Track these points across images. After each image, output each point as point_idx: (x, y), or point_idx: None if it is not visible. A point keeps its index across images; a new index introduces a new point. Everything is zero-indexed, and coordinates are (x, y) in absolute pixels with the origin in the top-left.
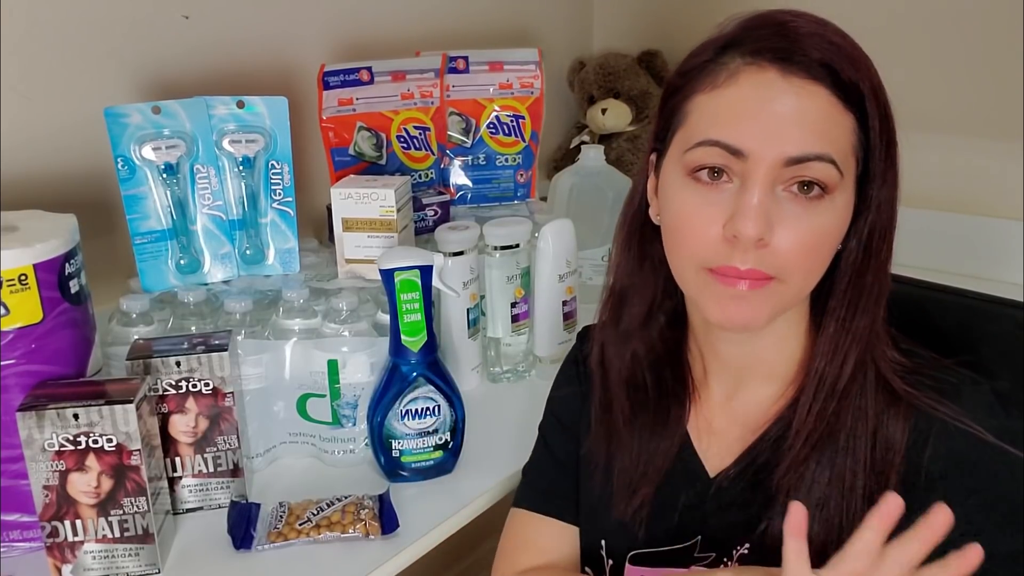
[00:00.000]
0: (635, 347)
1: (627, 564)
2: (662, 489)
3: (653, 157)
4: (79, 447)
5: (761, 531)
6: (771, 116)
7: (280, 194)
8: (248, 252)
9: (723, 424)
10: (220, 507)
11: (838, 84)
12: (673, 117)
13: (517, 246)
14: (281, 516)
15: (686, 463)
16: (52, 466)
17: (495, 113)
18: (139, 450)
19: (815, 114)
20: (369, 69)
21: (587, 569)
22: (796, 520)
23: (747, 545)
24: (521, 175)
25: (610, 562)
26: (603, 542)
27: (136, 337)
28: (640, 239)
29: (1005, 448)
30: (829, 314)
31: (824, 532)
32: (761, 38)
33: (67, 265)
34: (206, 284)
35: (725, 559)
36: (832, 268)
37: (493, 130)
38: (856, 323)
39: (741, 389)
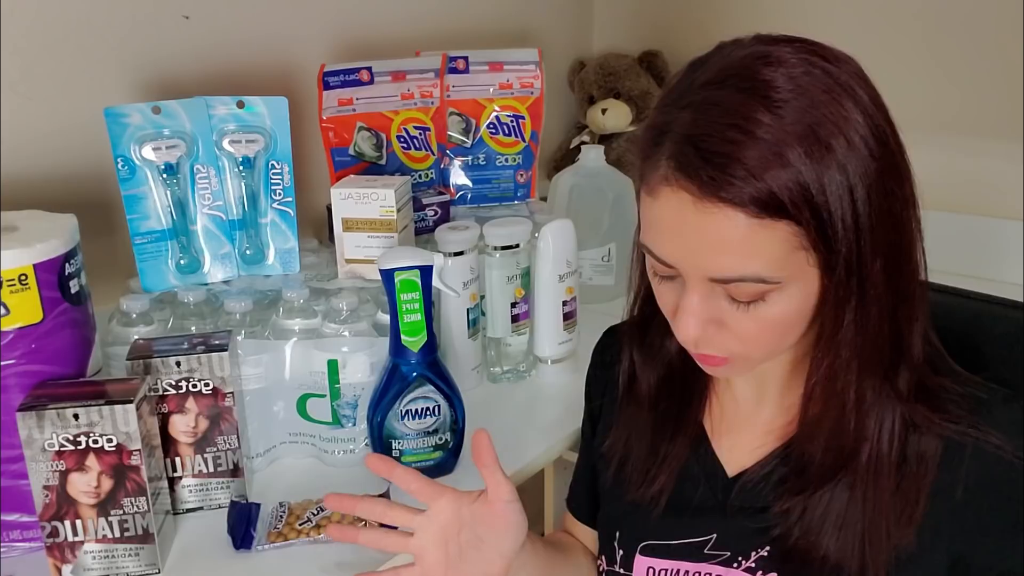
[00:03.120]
0: (662, 340)
1: (637, 555)
2: (678, 484)
3: None
4: (79, 447)
5: (775, 536)
6: (687, 238)
7: (280, 194)
8: (248, 252)
9: (745, 425)
10: (220, 507)
11: (757, 207)
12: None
13: (517, 246)
14: (281, 516)
15: (704, 461)
16: (52, 466)
17: (495, 113)
18: (139, 450)
19: (734, 240)
20: (369, 69)
21: (602, 557)
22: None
23: (767, 548)
24: (521, 175)
25: (621, 552)
26: (617, 532)
27: (136, 337)
28: None
29: None
30: (815, 363)
31: (839, 552)
32: (683, 156)
33: (67, 265)
34: (206, 284)
35: (740, 558)
36: None
37: (493, 130)
38: (843, 355)
39: (766, 394)
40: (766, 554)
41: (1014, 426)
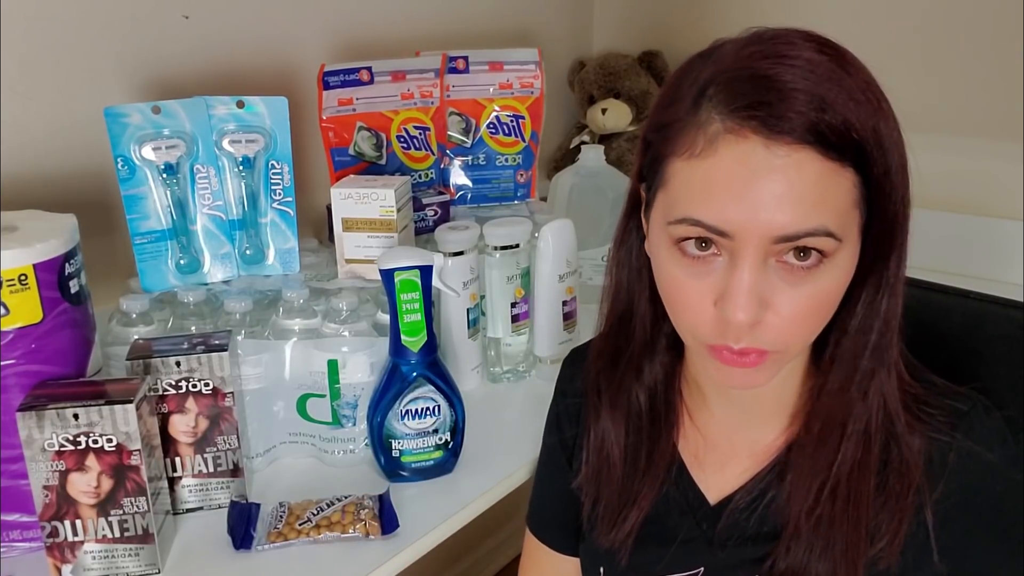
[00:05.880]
0: (634, 374)
1: None
2: (660, 517)
3: (643, 191)
4: (79, 447)
5: (769, 567)
6: (756, 195)
7: (280, 194)
8: (248, 252)
9: (727, 453)
10: (220, 507)
11: (829, 145)
12: (654, 172)
13: (517, 246)
14: (281, 516)
15: (685, 492)
16: (52, 466)
17: (495, 113)
18: (139, 450)
19: (805, 185)
20: (369, 69)
21: None
22: None
23: None
24: (521, 175)
25: None
26: (601, 569)
27: (136, 337)
28: (639, 265)
29: (1018, 479)
30: (839, 360)
31: (829, 570)
32: (740, 95)
33: (67, 265)
34: (206, 284)
35: None
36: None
37: (493, 130)
38: (863, 363)
39: (748, 419)
40: None
41: (995, 437)
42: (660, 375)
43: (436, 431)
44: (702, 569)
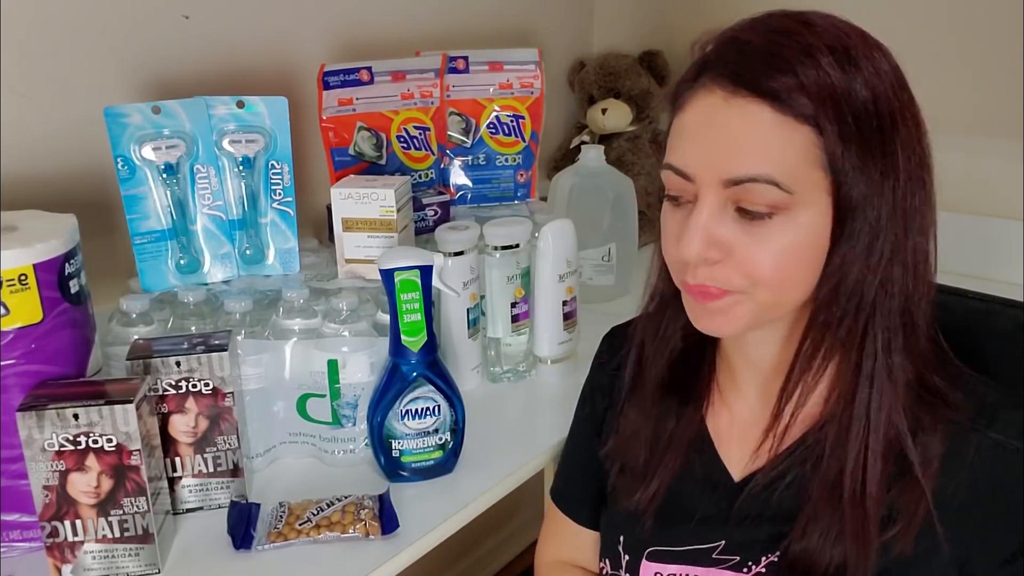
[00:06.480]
0: (675, 342)
1: (643, 560)
2: (683, 491)
3: None
4: (79, 447)
5: (784, 547)
6: (710, 138)
7: (280, 194)
8: (248, 252)
9: (752, 430)
10: (220, 507)
11: (783, 101)
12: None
13: (517, 246)
14: (281, 516)
15: (709, 466)
16: (52, 466)
17: (495, 113)
18: (139, 450)
19: (756, 135)
20: (369, 69)
21: (605, 560)
22: None
23: (777, 554)
24: (521, 175)
25: (626, 557)
26: (621, 537)
27: (136, 337)
28: None
29: None
30: (813, 327)
31: (841, 555)
32: (719, 58)
33: (67, 265)
34: (206, 284)
35: (750, 563)
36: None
37: (493, 130)
38: (868, 347)
39: (773, 396)
40: (776, 559)
41: (1017, 428)
42: (695, 344)
43: (436, 431)
44: (723, 543)
